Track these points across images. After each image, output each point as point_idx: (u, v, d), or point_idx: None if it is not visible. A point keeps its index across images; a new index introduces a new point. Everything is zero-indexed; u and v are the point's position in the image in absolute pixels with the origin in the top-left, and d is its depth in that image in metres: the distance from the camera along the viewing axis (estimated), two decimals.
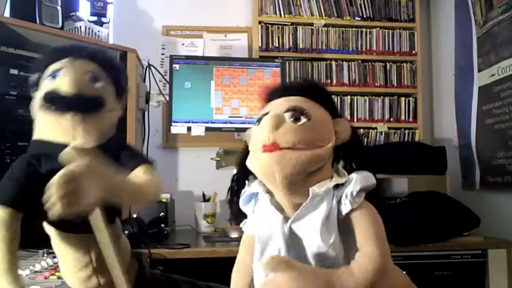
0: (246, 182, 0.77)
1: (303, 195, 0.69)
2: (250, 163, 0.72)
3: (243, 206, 0.77)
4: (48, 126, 0.70)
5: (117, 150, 0.74)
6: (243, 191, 0.77)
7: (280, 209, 0.72)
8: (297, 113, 0.68)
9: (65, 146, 0.68)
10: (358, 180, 0.68)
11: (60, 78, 0.71)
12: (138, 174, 0.71)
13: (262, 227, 0.73)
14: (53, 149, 0.68)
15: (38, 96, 0.72)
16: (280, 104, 0.71)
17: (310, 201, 0.68)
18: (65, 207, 0.57)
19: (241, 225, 0.79)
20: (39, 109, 0.71)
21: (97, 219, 0.63)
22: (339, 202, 0.68)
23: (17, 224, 0.64)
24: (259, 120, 0.72)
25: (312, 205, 0.68)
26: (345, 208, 0.67)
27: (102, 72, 0.75)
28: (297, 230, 0.69)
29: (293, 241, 0.69)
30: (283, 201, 0.72)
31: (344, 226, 0.68)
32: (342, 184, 0.69)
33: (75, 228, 0.68)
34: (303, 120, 0.68)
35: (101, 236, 0.64)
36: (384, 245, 0.66)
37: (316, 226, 0.67)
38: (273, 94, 0.76)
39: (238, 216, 0.79)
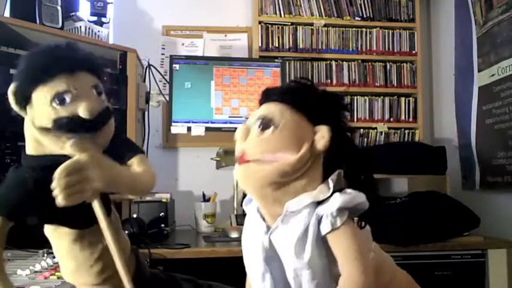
0: None
1: (282, 205, 0.69)
2: None
3: (245, 207, 0.79)
4: (55, 145, 0.67)
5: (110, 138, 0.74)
6: None
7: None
8: (265, 122, 0.68)
9: (68, 157, 0.66)
10: (337, 201, 0.66)
11: (73, 104, 0.66)
12: (134, 165, 0.73)
13: (247, 234, 0.75)
14: (56, 160, 0.66)
15: (43, 118, 0.67)
16: (256, 113, 0.72)
17: (285, 217, 0.68)
18: (69, 196, 0.60)
19: None
20: (45, 132, 0.67)
21: (97, 208, 0.66)
22: (320, 220, 0.66)
23: (6, 232, 0.67)
24: None
25: (287, 220, 0.68)
26: (324, 228, 0.66)
27: (99, 82, 0.73)
28: (275, 243, 0.70)
29: (272, 253, 0.70)
30: (263, 211, 0.73)
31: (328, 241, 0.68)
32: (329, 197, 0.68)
33: (87, 221, 0.70)
34: (271, 129, 0.68)
35: (102, 225, 0.66)
36: (365, 261, 0.66)
37: (291, 243, 0.67)
38: (262, 98, 0.76)
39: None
